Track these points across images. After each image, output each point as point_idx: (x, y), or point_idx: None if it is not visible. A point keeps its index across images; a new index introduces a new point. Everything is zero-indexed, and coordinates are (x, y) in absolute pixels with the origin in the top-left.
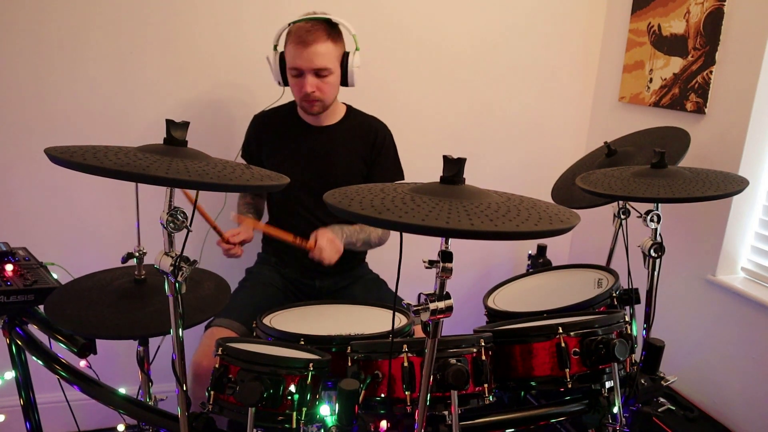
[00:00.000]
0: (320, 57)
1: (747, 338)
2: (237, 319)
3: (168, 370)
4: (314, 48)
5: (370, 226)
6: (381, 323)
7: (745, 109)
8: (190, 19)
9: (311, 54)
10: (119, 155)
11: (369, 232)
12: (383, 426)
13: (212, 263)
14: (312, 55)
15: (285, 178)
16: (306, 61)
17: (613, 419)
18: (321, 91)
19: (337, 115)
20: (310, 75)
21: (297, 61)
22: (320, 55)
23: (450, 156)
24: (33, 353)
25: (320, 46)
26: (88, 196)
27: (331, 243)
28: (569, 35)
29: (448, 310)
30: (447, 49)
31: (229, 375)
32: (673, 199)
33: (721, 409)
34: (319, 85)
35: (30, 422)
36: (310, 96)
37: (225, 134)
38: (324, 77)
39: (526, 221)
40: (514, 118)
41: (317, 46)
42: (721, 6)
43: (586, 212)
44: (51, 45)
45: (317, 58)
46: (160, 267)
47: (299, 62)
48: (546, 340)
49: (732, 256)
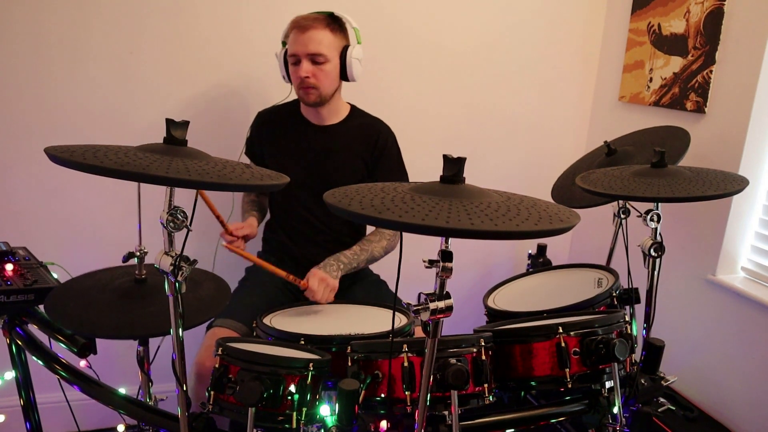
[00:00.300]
0: (315, 42)
1: (747, 338)
2: (239, 320)
3: (168, 370)
4: (310, 33)
5: (372, 242)
6: (381, 323)
7: (745, 109)
8: (190, 19)
9: (306, 39)
10: (119, 155)
11: (371, 250)
12: (383, 426)
13: (212, 263)
14: (307, 40)
15: (285, 178)
16: (301, 46)
17: (613, 419)
18: (316, 78)
19: (340, 115)
20: (305, 60)
21: (294, 46)
22: (315, 41)
23: (450, 155)
24: (33, 353)
25: (317, 32)
26: (88, 196)
27: (323, 283)
28: (569, 35)
29: (448, 310)
30: (447, 48)
31: (229, 375)
32: (673, 198)
33: (721, 409)
34: (315, 71)
35: (30, 422)
36: (305, 82)
37: (225, 134)
38: (320, 64)
39: (526, 221)
40: (514, 118)
41: (314, 31)
42: (721, 5)
43: (586, 212)
44: (51, 45)
45: (312, 43)
46: (160, 266)
47: (296, 47)
48: (546, 340)
49: (732, 256)
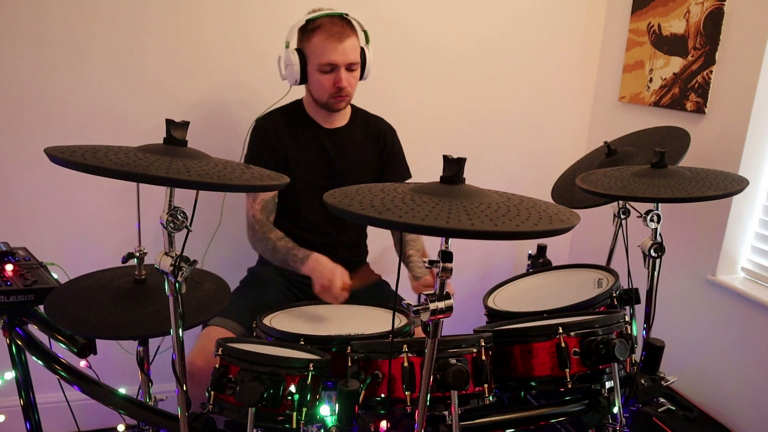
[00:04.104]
0: (353, 51)
1: (747, 338)
2: (235, 319)
3: (168, 370)
4: (348, 43)
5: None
6: (381, 323)
7: (745, 109)
8: (190, 19)
9: (347, 49)
10: (119, 155)
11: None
12: (383, 426)
13: (212, 263)
14: (348, 50)
15: (285, 178)
16: (342, 56)
17: (613, 419)
18: (350, 86)
19: (345, 116)
20: (343, 69)
21: (332, 56)
22: (353, 49)
23: (450, 156)
24: (33, 353)
25: (352, 40)
26: (88, 196)
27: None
28: (569, 35)
29: (448, 310)
30: (447, 48)
31: (229, 375)
32: (673, 199)
33: (721, 409)
34: (350, 79)
35: (30, 422)
36: (344, 91)
37: (225, 134)
38: (353, 71)
39: (526, 221)
40: (514, 118)
41: (350, 40)
42: (721, 6)
43: (586, 212)
44: (51, 45)
45: (352, 53)
46: (160, 267)
47: (335, 57)
48: (546, 340)
49: (732, 256)
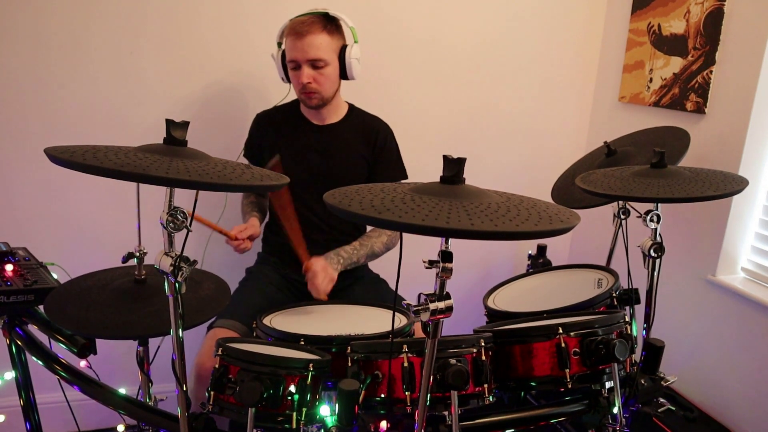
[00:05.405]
0: (315, 48)
1: (747, 338)
2: (239, 320)
3: (168, 370)
4: (309, 39)
5: (372, 238)
6: (381, 323)
7: (745, 109)
8: (190, 19)
9: (305, 45)
10: (119, 155)
11: (371, 245)
12: (383, 426)
13: (212, 264)
14: (306, 46)
15: (285, 178)
16: (301, 52)
17: (613, 419)
18: (318, 83)
19: (339, 114)
20: (306, 66)
21: (293, 52)
22: (315, 46)
23: (450, 156)
24: (33, 353)
25: (315, 37)
26: (88, 196)
27: (324, 270)
28: (569, 35)
29: (448, 310)
30: (447, 48)
31: (229, 375)
32: (673, 199)
33: (721, 409)
34: (316, 76)
35: (30, 422)
36: (307, 87)
37: (225, 134)
38: (320, 68)
39: (526, 221)
40: (514, 118)
41: (312, 37)
42: (721, 6)
43: (586, 212)
44: (51, 45)
45: (311, 49)
46: (160, 267)
47: (295, 54)
48: (546, 340)
49: (732, 256)
